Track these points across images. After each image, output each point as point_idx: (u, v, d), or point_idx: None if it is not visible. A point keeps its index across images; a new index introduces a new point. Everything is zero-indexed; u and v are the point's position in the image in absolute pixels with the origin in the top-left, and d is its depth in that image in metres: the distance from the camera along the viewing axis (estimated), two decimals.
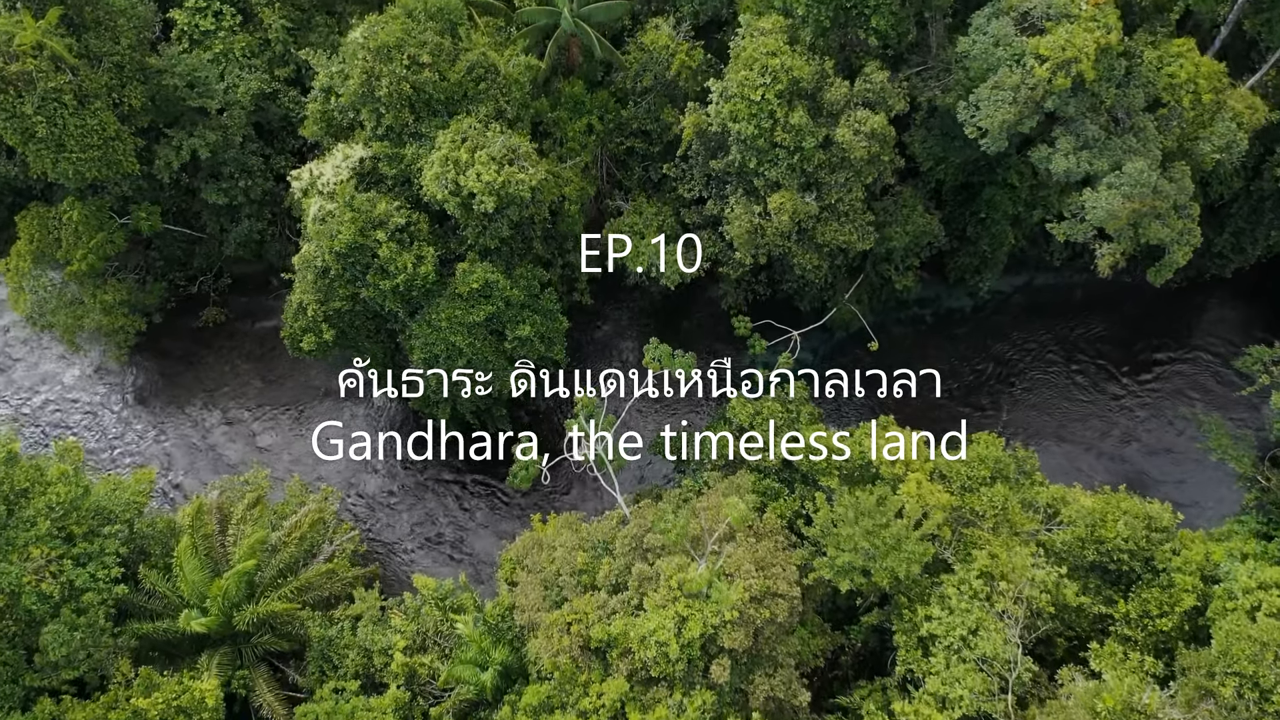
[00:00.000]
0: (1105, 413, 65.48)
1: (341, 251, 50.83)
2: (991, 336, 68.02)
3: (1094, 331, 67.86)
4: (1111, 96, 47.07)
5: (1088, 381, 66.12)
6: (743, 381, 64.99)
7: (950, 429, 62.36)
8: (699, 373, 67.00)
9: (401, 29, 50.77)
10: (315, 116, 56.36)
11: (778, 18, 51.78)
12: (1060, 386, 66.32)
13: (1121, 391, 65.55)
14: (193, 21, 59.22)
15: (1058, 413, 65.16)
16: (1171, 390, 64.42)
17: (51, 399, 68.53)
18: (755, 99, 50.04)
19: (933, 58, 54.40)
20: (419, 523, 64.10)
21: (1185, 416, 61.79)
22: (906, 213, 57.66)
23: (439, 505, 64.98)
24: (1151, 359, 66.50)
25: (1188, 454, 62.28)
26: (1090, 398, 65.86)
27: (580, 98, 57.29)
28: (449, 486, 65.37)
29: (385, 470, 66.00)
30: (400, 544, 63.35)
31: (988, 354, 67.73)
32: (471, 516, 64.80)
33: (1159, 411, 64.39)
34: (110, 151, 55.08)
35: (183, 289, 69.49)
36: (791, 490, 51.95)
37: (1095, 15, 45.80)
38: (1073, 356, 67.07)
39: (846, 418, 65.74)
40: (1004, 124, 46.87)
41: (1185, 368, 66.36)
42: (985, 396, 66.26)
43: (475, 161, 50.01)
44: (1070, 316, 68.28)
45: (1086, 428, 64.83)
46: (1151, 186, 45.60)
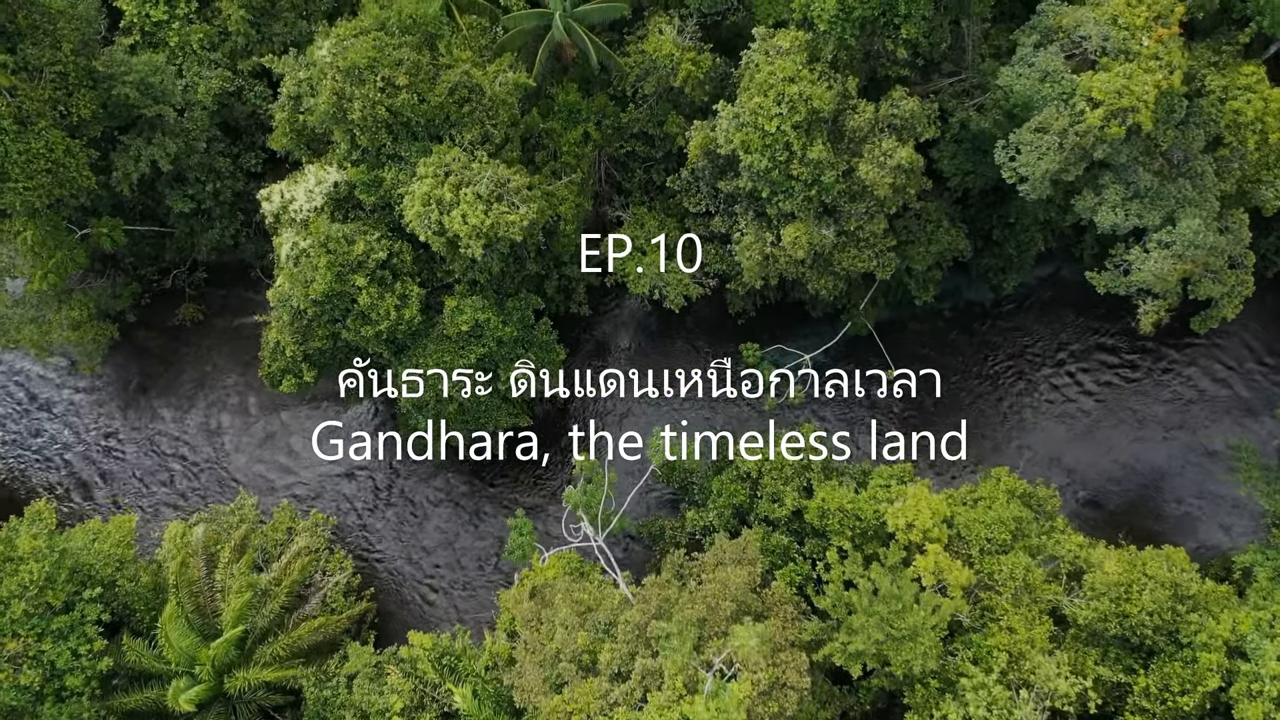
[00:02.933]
0: (1123, 414, 62.44)
1: (318, 299, 46.84)
2: (1011, 334, 64.30)
3: (1118, 328, 64.08)
4: (1169, 140, 42.10)
5: (1107, 385, 62.77)
6: (743, 381, 62.10)
7: (950, 429, 60.88)
8: (699, 372, 64.22)
9: (373, 46, 45.21)
10: (284, 127, 51.20)
11: (796, 33, 46.04)
12: (1076, 389, 62.97)
13: (1142, 394, 62.30)
14: (142, 11, 53.05)
15: (1071, 418, 62.08)
16: (1199, 402, 61.10)
17: (21, 401, 65.55)
18: (770, 129, 44.94)
19: (967, 68, 48.84)
20: (416, 535, 62.12)
21: (1218, 446, 58.44)
22: (931, 229, 53.07)
23: (436, 513, 62.82)
24: (1179, 358, 63.01)
25: (1209, 472, 59.66)
26: (1108, 401, 62.65)
27: (575, 105, 51.83)
28: (448, 493, 63.05)
29: (381, 476, 63.51)
30: (396, 559, 61.51)
31: (1004, 352, 64.22)
32: (471, 523, 62.75)
33: (1183, 421, 61.33)
34: (61, 171, 50.16)
35: (156, 283, 65.29)
36: (801, 544, 49.71)
37: (1157, 52, 40.35)
38: (1094, 356, 63.49)
39: (846, 419, 62.66)
40: (1046, 174, 42.10)
41: (1217, 368, 62.94)
42: (993, 397, 63.12)
43: (461, 200, 45.43)
44: (1096, 312, 64.29)
45: (1100, 429, 61.91)
46: (1206, 247, 41.27)
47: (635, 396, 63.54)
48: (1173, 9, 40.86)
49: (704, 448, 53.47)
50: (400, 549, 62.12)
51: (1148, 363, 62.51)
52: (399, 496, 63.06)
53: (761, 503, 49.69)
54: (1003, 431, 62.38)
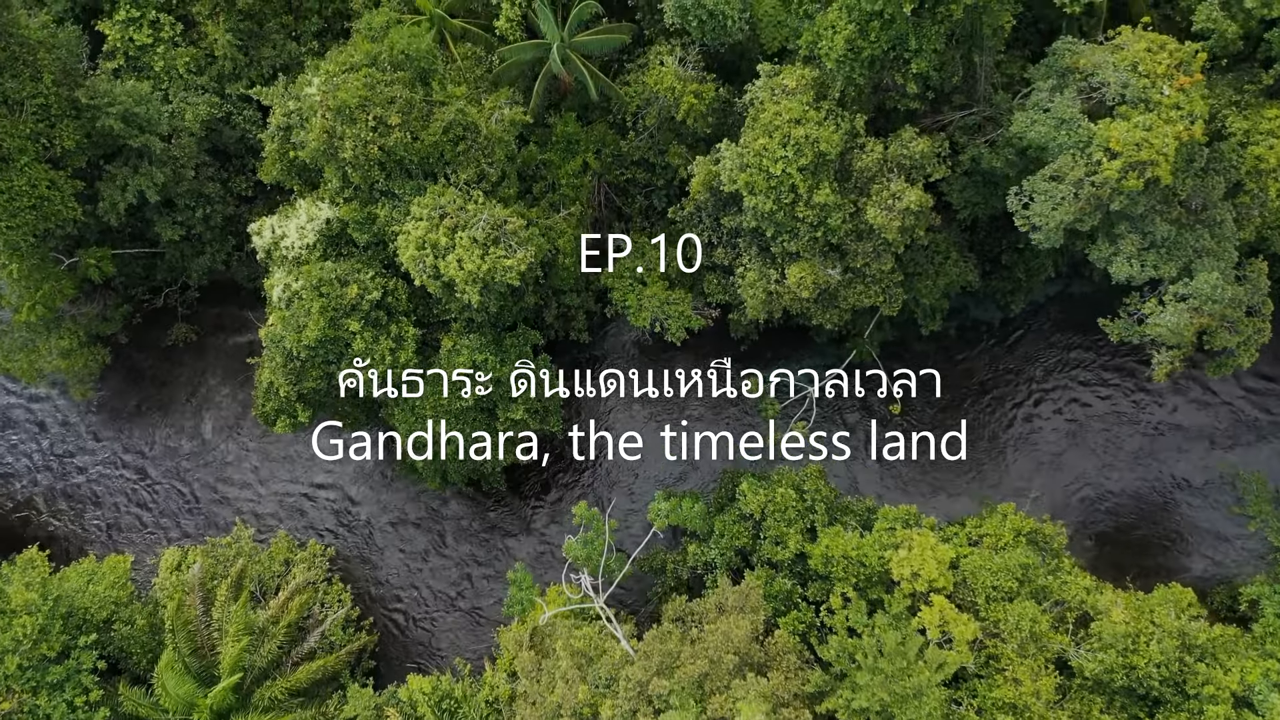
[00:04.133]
0: (1124, 435, 61.45)
1: (311, 345, 45.70)
2: (1018, 352, 63.17)
3: (1126, 348, 62.86)
4: (1188, 188, 40.69)
5: (1113, 405, 61.76)
6: (743, 381, 61.02)
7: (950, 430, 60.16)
8: (699, 373, 63.31)
9: (364, 85, 43.61)
10: (273, 158, 49.72)
11: (802, 71, 44.35)
12: (1080, 408, 61.93)
13: (1152, 419, 61.30)
14: (126, 35, 51.21)
15: (1072, 436, 61.08)
16: (1205, 423, 60.01)
17: (14, 420, 64.66)
18: (775, 172, 43.47)
19: (979, 100, 47.18)
20: (417, 557, 61.49)
21: (1222, 474, 57.45)
22: (940, 261, 51.72)
23: (436, 534, 62.15)
24: (1189, 381, 61.93)
25: (1206, 495, 58.82)
26: (1113, 421, 61.67)
27: (574, 135, 50.21)
28: (449, 513, 62.34)
29: (380, 487, 62.60)
30: (396, 583, 60.93)
31: (1011, 369, 63.12)
32: (471, 536, 61.99)
33: (1184, 441, 60.33)
34: (46, 205, 48.78)
35: (147, 303, 63.98)
36: (804, 586, 49.07)
37: (1179, 101, 38.78)
38: (1101, 375, 62.36)
39: (843, 422, 61.64)
40: (1061, 224, 40.74)
41: (1226, 391, 61.87)
42: (996, 409, 62.16)
43: (456, 244, 44.13)
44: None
45: (1105, 450, 61.03)
46: (1225, 301, 40.05)
47: (635, 396, 62.67)
48: (1195, 56, 39.24)
49: (713, 536, 51.95)
50: (401, 572, 61.50)
51: (1158, 387, 61.52)
52: (399, 520, 62.27)
53: (765, 545, 48.99)
54: (1007, 445, 61.48)
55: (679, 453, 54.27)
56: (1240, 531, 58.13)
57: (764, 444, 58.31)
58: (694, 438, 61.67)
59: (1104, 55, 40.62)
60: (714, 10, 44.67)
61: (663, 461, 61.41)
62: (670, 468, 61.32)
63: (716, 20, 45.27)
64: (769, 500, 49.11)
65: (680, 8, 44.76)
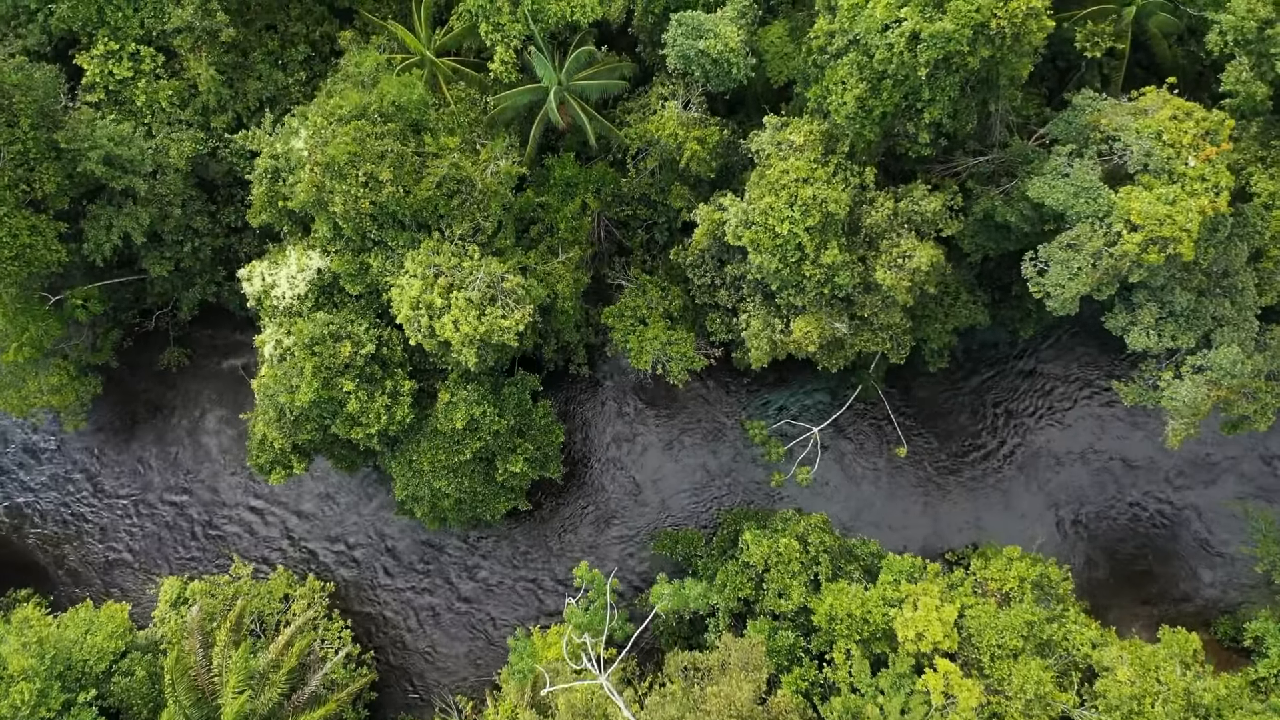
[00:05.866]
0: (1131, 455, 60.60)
1: (305, 406, 44.62)
2: (1027, 373, 62.05)
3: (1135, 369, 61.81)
4: (1210, 257, 39.24)
5: (1120, 432, 60.79)
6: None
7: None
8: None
9: (353, 140, 41.79)
10: (261, 202, 48.03)
11: (811, 126, 42.50)
12: (1088, 430, 60.93)
13: (1157, 441, 60.41)
14: (105, 70, 49.04)
15: (1080, 458, 60.27)
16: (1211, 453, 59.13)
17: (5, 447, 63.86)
18: (781, 232, 41.93)
19: (994, 145, 45.39)
20: (414, 578, 61.03)
21: (1234, 511, 56.66)
22: (949, 303, 50.38)
23: (435, 554, 61.64)
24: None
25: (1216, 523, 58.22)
26: (1121, 444, 60.76)
27: (572, 177, 48.44)
28: (447, 533, 61.86)
29: (377, 512, 62.04)
30: (395, 613, 60.68)
31: (1019, 389, 62.09)
32: (471, 562, 61.65)
33: (1187, 467, 59.49)
34: (29, 253, 47.30)
35: (138, 326, 62.68)
36: (808, 638, 48.69)
37: (1204, 173, 37.15)
38: (1109, 401, 61.33)
39: (847, 461, 61.00)
40: (1077, 294, 39.38)
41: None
42: (1000, 431, 61.33)
43: (452, 305, 42.79)
44: (1114, 351, 61.91)
45: (1111, 471, 60.30)
46: (1244, 375, 38.89)
47: (637, 422, 61.77)
48: (1222, 124, 37.49)
49: (717, 587, 51.21)
50: (400, 599, 61.08)
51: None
52: (397, 546, 61.66)
53: (768, 596, 48.50)
54: (1012, 468, 60.82)
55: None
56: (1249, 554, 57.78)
57: (769, 474, 57.56)
58: (697, 464, 60.86)
59: (1127, 118, 38.87)
60: (718, 59, 42.69)
61: (666, 489, 60.66)
62: (674, 496, 60.53)
63: (721, 68, 43.31)
64: (772, 551, 48.52)
65: (683, 57, 42.77)
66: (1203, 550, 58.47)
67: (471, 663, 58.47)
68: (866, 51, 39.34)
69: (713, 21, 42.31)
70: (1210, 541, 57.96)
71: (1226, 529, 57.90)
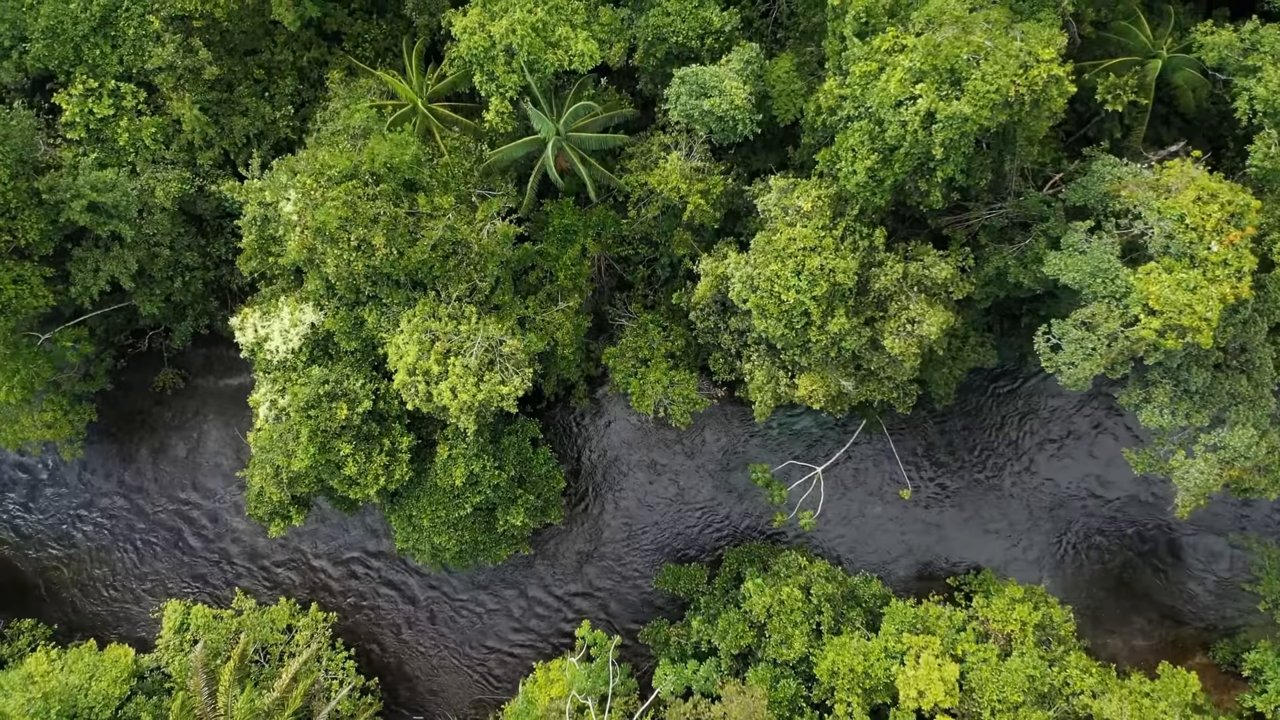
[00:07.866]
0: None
1: (301, 470, 43.98)
2: (1030, 400, 61.19)
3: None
4: (1229, 336, 38.15)
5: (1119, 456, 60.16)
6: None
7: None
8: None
9: (344, 204, 40.24)
10: (251, 250, 46.64)
11: (819, 190, 40.89)
12: (1088, 454, 60.31)
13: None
14: (85, 109, 47.10)
15: (1082, 482, 59.80)
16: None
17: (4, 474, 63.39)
18: (788, 299, 40.70)
19: (1008, 197, 43.81)
20: (418, 600, 61.29)
21: (1236, 542, 56.38)
22: (958, 346, 49.31)
23: (438, 577, 61.77)
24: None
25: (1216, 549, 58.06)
26: (1119, 467, 60.11)
27: (571, 224, 46.91)
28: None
29: (380, 535, 61.99)
30: (396, 628, 60.98)
31: (1023, 412, 61.37)
32: (474, 586, 61.82)
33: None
34: (15, 302, 46.18)
35: (132, 347, 61.65)
36: (809, 687, 48.89)
37: (1227, 257, 35.83)
38: (1113, 423, 60.58)
39: (850, 500, 60.67)
40: (1091, 374, 38.36)
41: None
42: (1003, 454, 60.83)
43: (449, 372, 41.81)
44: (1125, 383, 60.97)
45: (1108, 494, 59.90)
46: (1258, 457, 38.16)
47: (637, 452, 61.25)
48: (1248, 207, 36.03)
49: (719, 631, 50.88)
50: (404, 621, 61.20)
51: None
52: (400, 568, 61.55)
53: (770, 644, 48.53)
54: (1013, 490, 60.48)
55: (684, 508, 52.84)
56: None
57: (771, 509, 57.10)
58: (699, 498, 60.34)
59: (1149, 193, 37.33)
60: (724, 116, 40.90)
61: (668, 520, 60.31)
62: (675, 529, 60.28)
63: (726, 124, 41.53)
64: (775, 600, 48.42)
65: (686, 115, 40.97)
66: (1203, 578, 58.45)
67: (477, 682, 58.97)
68: (878, 122, 37.63)
69: (717, 78, 40.38)
70: (1212, 569, 57.88)
71: (1227, 559, 57.83)
